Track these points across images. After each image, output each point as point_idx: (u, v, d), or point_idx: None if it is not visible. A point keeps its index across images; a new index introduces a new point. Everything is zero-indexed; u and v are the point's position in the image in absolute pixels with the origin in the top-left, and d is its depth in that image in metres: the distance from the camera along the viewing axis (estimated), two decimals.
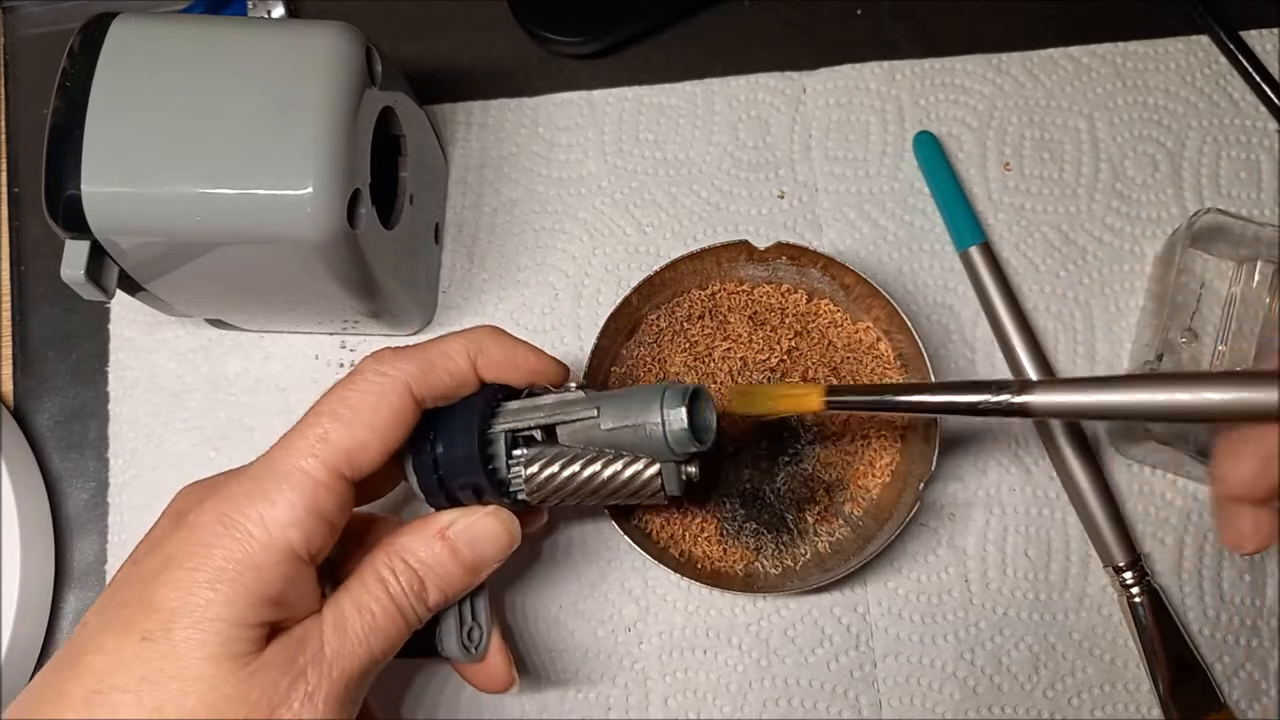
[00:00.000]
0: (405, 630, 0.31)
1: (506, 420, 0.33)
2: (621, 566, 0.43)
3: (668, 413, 0.32)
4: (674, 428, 0.32)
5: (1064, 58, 0.49)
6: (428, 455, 0.32)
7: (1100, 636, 0.42)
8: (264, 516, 0.28)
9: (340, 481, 0.29)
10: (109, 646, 0.27)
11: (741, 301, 0.44)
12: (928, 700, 0.41)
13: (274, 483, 0.29)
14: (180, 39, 0.35)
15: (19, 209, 0.48)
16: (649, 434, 0.32)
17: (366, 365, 0.31)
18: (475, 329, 0.34)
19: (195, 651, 0.27)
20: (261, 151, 0.33)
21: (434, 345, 0.32)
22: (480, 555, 0.32)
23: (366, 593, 0.30)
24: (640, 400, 0.32)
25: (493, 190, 0.48)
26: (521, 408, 0.33)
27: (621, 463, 0.33)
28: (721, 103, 0.48)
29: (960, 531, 0.43)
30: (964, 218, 0.45)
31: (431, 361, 0.32)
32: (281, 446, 0.30)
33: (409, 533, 0.32)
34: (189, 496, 0.32)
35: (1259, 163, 0.47)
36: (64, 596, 0.44)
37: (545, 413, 0.33)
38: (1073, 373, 0.45)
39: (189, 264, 0.36)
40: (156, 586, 0.28)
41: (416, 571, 0.31)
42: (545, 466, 0.33)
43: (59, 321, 0.47)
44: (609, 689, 0.42)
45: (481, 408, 0.33)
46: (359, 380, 0.31)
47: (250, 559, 0.28)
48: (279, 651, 0.28)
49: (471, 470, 0.32)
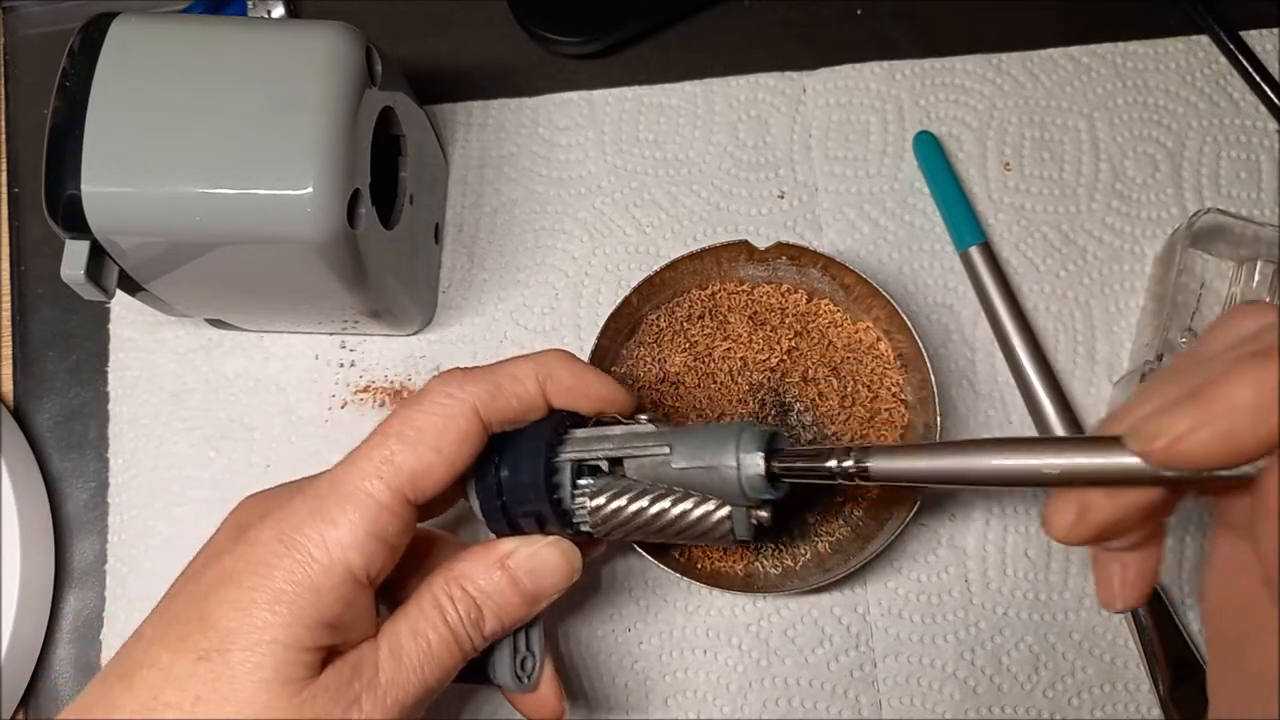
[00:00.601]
0: (461, 659, 0.30)
1: (574, 449, 0.32)
2: (622, 566, 0.43)
3: (743, 457, 0.30)
4: (749, 473, 0.30)
5: (1064, 58, 0.49)
6: (492, 480, 0.31)
7: (1100, 636, 0.42)
8: (325, 538, 0.28)
9: (403, 504, 0.29)
10: (164, 662, 0.27)
11: (741, 301, 0.44)
12: (928, 700, 0.41)
13: (337, 503, 0.28)
14: (180, 39, 0.35)
15: (19, 209, 0.48)
16: (722, 476, 0.30)
17: (434, 386, 0.30)
18: (545, 353, 0.32)
19: (251, 674, 0.26)
20: (261, 151, 0.33)
21: (503, 368, 0.32)
22: (540, 586, 0.31)
23: (424, 620, 0.30)
24: (715, 440, 0.31)
25: (493, 190, 0.48)
26: (589, 437, 0.32)
27: (691, 502, 0.31)
28: (721, 103, 0.48)
29: (960, 531, 0.43)
30: (964, 218, 0.45)
31: (500, 385, 0.31)
32: (347, 465, 0.29)
33: (469, 559, 0.31)
34: (250, 508, 0.31)
35: (1259, 163, 0.47)
36: (64, 596, 0.44)
37: (614, 444, 0.32)
38: (1072, 373, 0.45)
39: (189, 264, 0.36)
40: (214, 604, 0.27)
41: (475, 600, 0.30)
42: (611, 499, 0.32)
43: (59, 321, 0.47)
44: (609, 689, 0.42)
45: (549, 435, 0.32)
46: (426, 401, 0.30)
47: (310, 581, 0.27)
48: (334, 677, 0.27)
49: (536, 498, 0.31)
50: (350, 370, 0.46)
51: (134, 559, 0.44)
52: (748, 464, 0.30)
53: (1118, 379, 0.44)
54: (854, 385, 0.42)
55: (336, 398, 0.45)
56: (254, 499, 0.32)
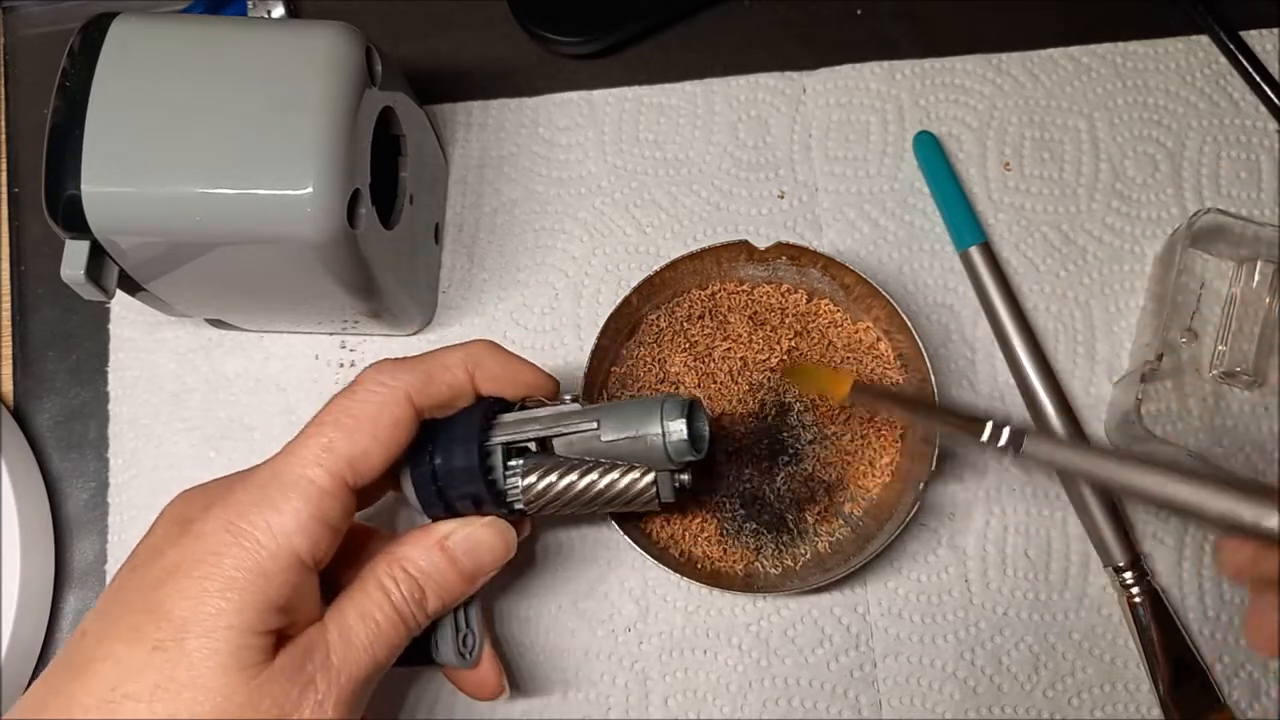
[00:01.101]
0: (406, 636, 0.31)
1: (504, 432, 0.33)
2: (621, 566, 0.43)
3: (668, 424, 0.33)
4: (674, 439, 0.33)
5: (1064, 58, 0.49)
6: (426, 466, 0.33)
7: (1100, 636, 0.42)
8: (271, 524, 0.29)
9: (344, 489, 0.30)
10: (119, 654, 0.27)
11: (741, 301, 0.44)
12: (928, 700, 0.41)
13: (280, 491, 0.29)
14: (180, 39, 0.35)
15: (19, 209, 0.48)
16: (649, 445, 0.33)
17: (368, 376, 0.32)
18: (472, 343, 0.34)
19: (207, 660, 0.27)
20: (261, 151, 0.33)
21: (433, 357, 0.33)
22: (478, 564, 0.33)
23: (369, 601, 0.31)
24: (639, 412, 0.33)
25: (493, 190, 0.48)
26: (518, 419, 0.34)
27: (618, 472, 0.33)
28: (721, 103, 0.48)
29: (960, 531, 0.43)
30: (964, 218, 0.45)
31: (431, 373, 0.32)
32: (286, 455, 0.30)
33: (409, 543, 0.32)
34: (190, 502, 0.32)
35: (1259, 163, 0.47)
36: (64, 596, 0.44)
37: (543, 425, 0.33)
38: (1072, 373, 0.45)
39: (189, 264, 0.36)
40: (165, 595, 0.28)
41: (417, 580, 0.32)
42: (542, 476, 0.33)
43: (59, 321, 0.47)
44: (609, 689, 0.42)
45: (480, 420, 0.33)
46: (360, 390, 0.31)
47: (259, 567, 0.28)
48: (288, 660, 0.28)
49: (471, 481, 0.32)
50: (350, 370, 0.45)
51: None
52: (672, 430, 0.33)
53: (1118, 379, 0.44)
54: None
55: None
56: (190, 494, 0.33)
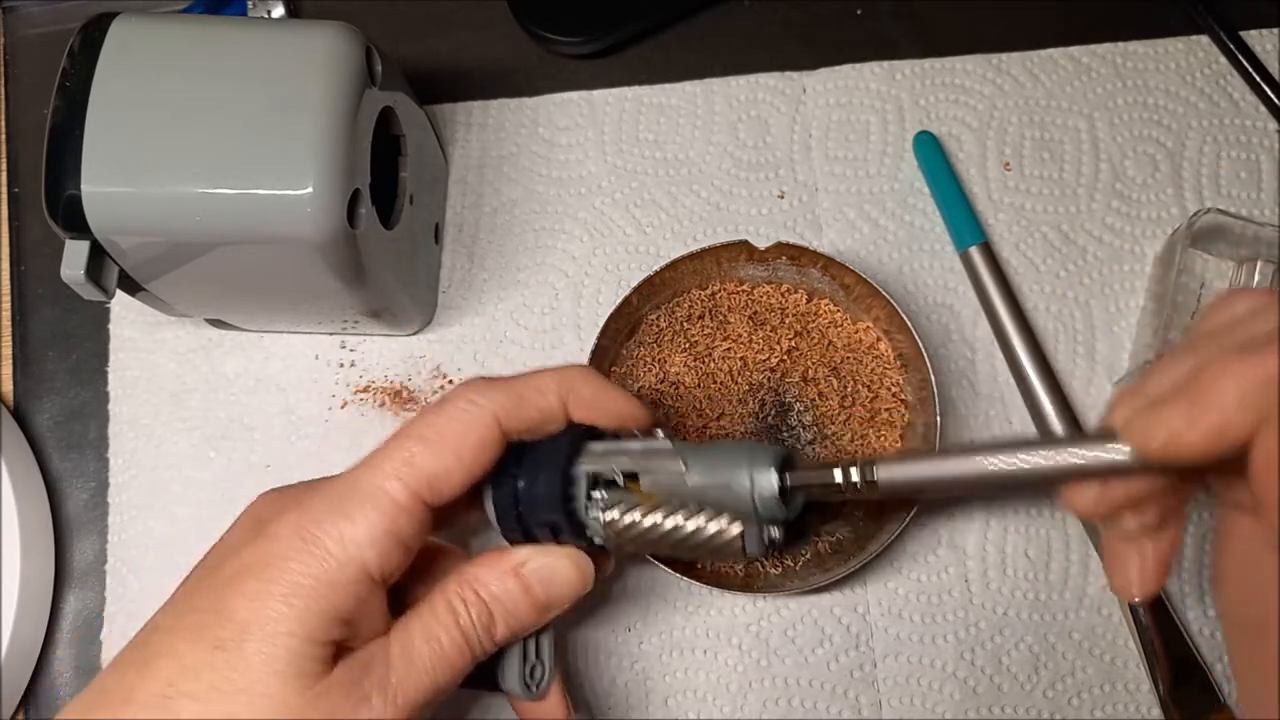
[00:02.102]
0: (471, 662, 0.30)
1: (591, 462, 0.32)
2: (621, 567, 0.43)
3: (757, 475, 0.30)
4: (762, 492, 0.30)
5: (1064, 58, 0.49)
6: (509, 489, 0.31)
7: (1100, 636, 0.42)
8: (343, 534, 0.28)
9: (420, 506, 0.29)
10: (180, 650, 0.27)
11: (741, 301, 0.44)
12: (928, 700, 0.41)
13: (356, 501, 0.29)
14: (180, 39, 0.35)
15: (19, 209, 0.48)
16: (736, 494, 0.31)
17: (458, 393, 0.31)
18: (568, 368, 0.33)
19: (265, 666, 0.27)
20: (261, 151, 0.33)
21: (527, 380, 0.32)
22: (552, 595, 0.32)
23: (436, 622, 0.30)
24: (730, 457, 0.31)
25: (493, 190, 0.48)
26: (607, 451, 0.32)
27: (704, 518, 0.31)
28: (721, 103, 0.48)
29: (960, 531, 0.43)
30: (964, 218, 0.45)
31: (523, 395, 0.31)
32: (367, 466, 0.29)
33: (482, 565, 0.31)
34: (268, 504, 0.31)
35: (1259, 163, 0.47)
36: (64, 596, 0.44)
37: (631, 459, 0.32)
38: (1072, 373, 0.45)
39: (189, 264, 0.36)
40: (231, 595, 0.28)
41: (487, 604, 0.31)
42: (625, 513, 0.32)
43: (59, 321, 0.47)
44: (609, 689, 0.42)
45: (567, 447, 0.32)
46: (449, 407, 0.30)
47: (326, 576, 0.28)
48: (345, 674, 0.28)
49: (552, 509, 0.31)
50: (350, 370, 0.46)
51: (134, 559, 0.44)
52: (761, 482, 0.30)
53: (1118, 379, 0.44)
54: (854, 385, 0.42)
55: (336, 398, 0.45)
56: (272, 495, 0.32)
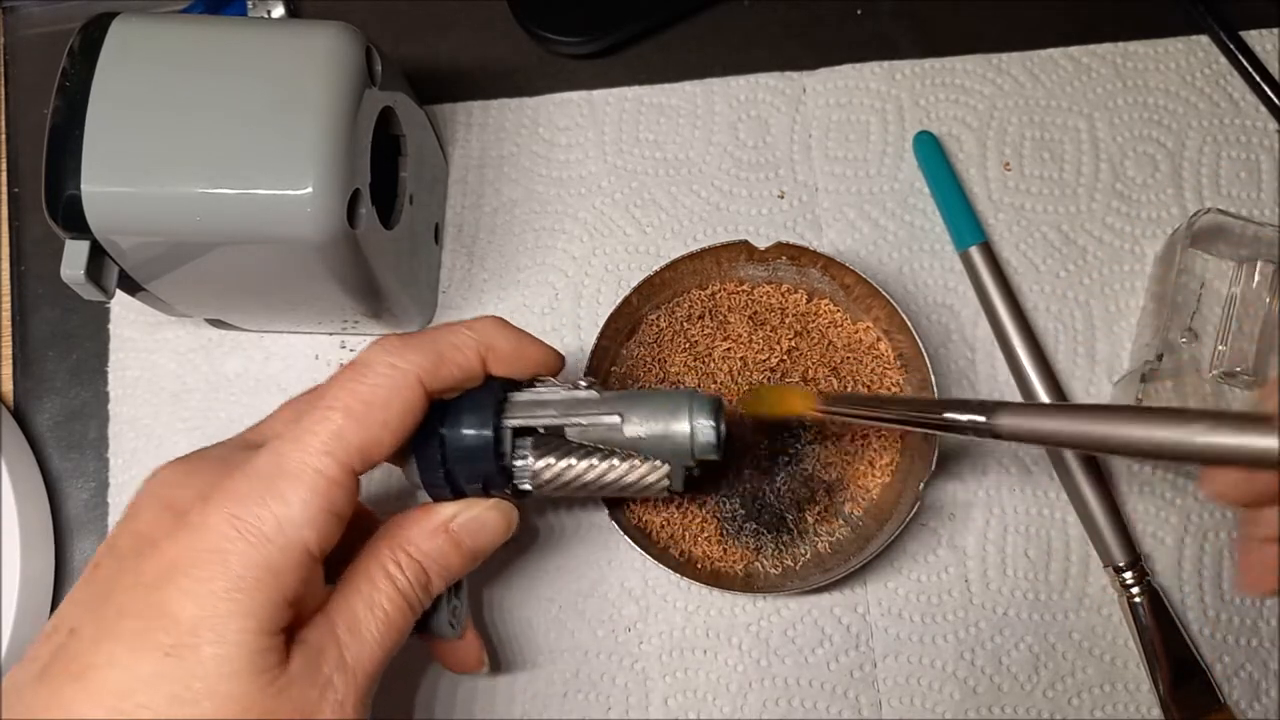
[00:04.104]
0: (412, 620, 0.31)
1: (518, 415, 0.33)
2: (621, 566, 0.43)
3: (698, 423, 0.32)
4: (702, 439, 0.32)
5: (1064, 58, 0.49)
6: (436, 449, 0.32)
7: (1100, 636, 0.42)
8: (279, 518, 0.27)
9: (351, 477, 0.29)
10: (122, 660, 0.26)
11: (741, 301, 0.44)
12: (928, 700, 0.41)
13: (288, 482, 0.28)
14: (180, 39, 0.35)
15: (19, 209, 0.48)
16: (675, 442, 0.32)
17: (376, 356, 0.30)
18: (481, 321, 0.33)
19: (223, 666, 0.26)
20: (261, 151, 0.33)
21: (443, 337, 0.32)
22: (480, 545, 0.33)
23: (376, 591, 0.30)
24: (667, 408, 0.33)
25: (493, 190, 0.48)
26: (531, 401, 0.33)
27: (630, 463, 0.33)
28: (721, 103, 0.48)
29: (960, 531, 0.43)
30: (964, 218, 0.45)
31: (442, 354, 0.31)
32: (291, 442, 0.28)
33: (412, 525, 0.32)
34: (176, 485, 0.30)
35: (1259, 163, 0.47)
36: (64, 596, 0.44)
37: (559, 410, 0.33)
38: (1072, 373, 0.45)
39: (189, 264, 0.36)
40: (168, 596, 0.26)
41: (421, 564, 0.31)
42: (556, 460, 0.32)
43: (59, 321, 0.47)
44: (609, 689, 0.42)
45: (494, 404, 0.32)
46: (370, 374, 0.30)
47: (268, 563, 0.27)
48: (303, 664, 0.27)
49: (485, 466, 0.32)
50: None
51: None
52: (702, 429, 0.32)
53: (1118, 379, 0.44)
54: (854, 385, 0.43)
55: None
56: (175, 473, 0.31)
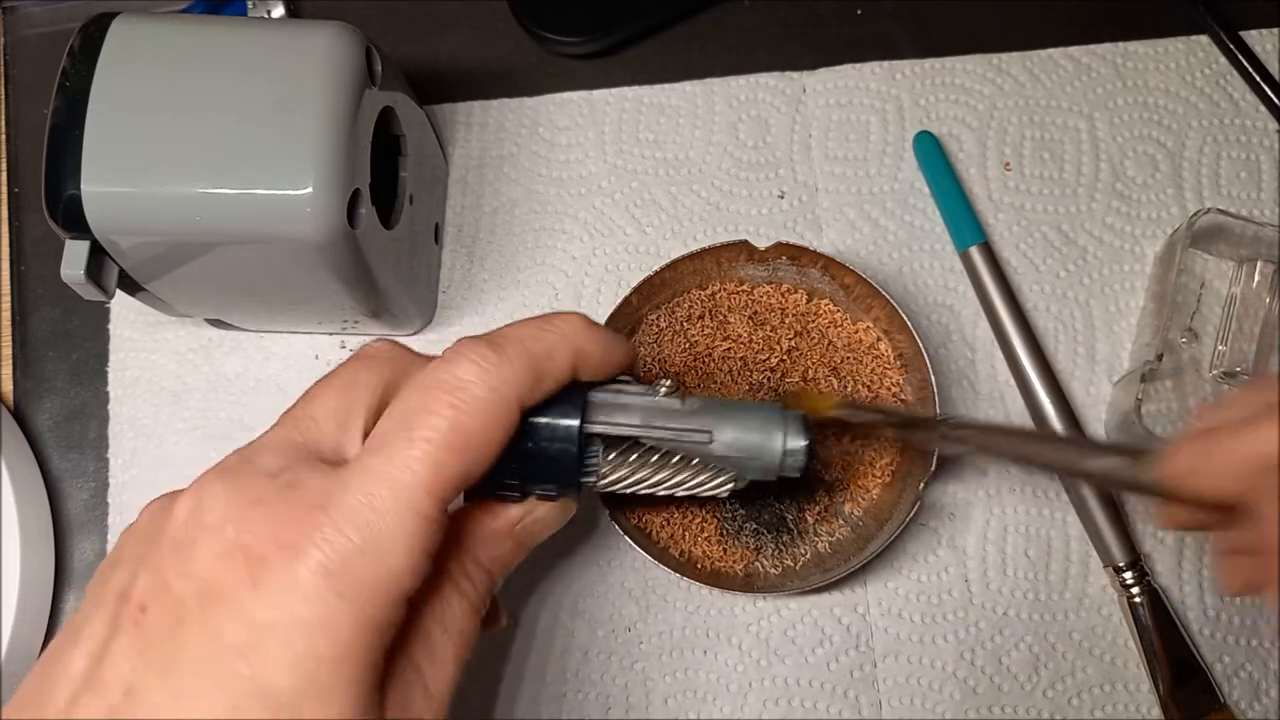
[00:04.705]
0: (479, 627, 0.30)
1: (600, 421, 0.30)
2: (621, 566, 0.43)
3: (792, 444, 0.31)
4: (794, 461, 0.31)
5: (1064, 58, 0.48)
6: (513, 458, 0.29)
7: (1100, 636, 0.42)
8: (382, 573, 0.25)
9: (446, 513, 0.27)
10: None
11: (741, 301, 0.44)
12: (928, 700, 0.41)
13: (388, 528, 0.25)
14: (180, 39, 0.35)
15: (19, 209, 0.48)
16: (764, 461, 0.31)
17: (472, 374, 0.27)
18: (567, 322, 0.30)
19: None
20: (261, 151, 0.33)
21: (536, 345, 0.29)
22: (536, 539, 0.32)
23: (449, 609, 0.28)
24: (758, 427, 0.31)
25: (493, 190, 0.48)
26: (613, 405, 0.31)
27: (700, 477, 0.32)
28: (721, 103, 0.48)
29: (960, 531, 0.43)
30: (964, 218, 0.45)
31: (541, 373, 0.28)
32: (386, 480, 0.25)
33: (477, 528, 0.30)
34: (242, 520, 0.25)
35: (1259, 163, 0.47)
36: (64, 596, 0.44)
37: (642, 418, 0.31)
38: (1072, 373, 0.45)
39: (189, 264, 0.36)
40: (261, 665, 0.24)
41: (489, 570, 0.30)
42: (630, 472, 0.31)
43: (59, 321, 0.47)
44: (609, 689, 0.42)
45: (579, 410, 0.30)
46: (469, 396, 0.27)
47: (373, 624, 0.25)
48: (397, 708, 0.26)
49: (565, 474, 0.30)
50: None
51: None
52: (794, 449, 0.31)
53: (1118, 379, 0.44)
54: (854, 385, 0.43)
55: None
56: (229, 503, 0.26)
